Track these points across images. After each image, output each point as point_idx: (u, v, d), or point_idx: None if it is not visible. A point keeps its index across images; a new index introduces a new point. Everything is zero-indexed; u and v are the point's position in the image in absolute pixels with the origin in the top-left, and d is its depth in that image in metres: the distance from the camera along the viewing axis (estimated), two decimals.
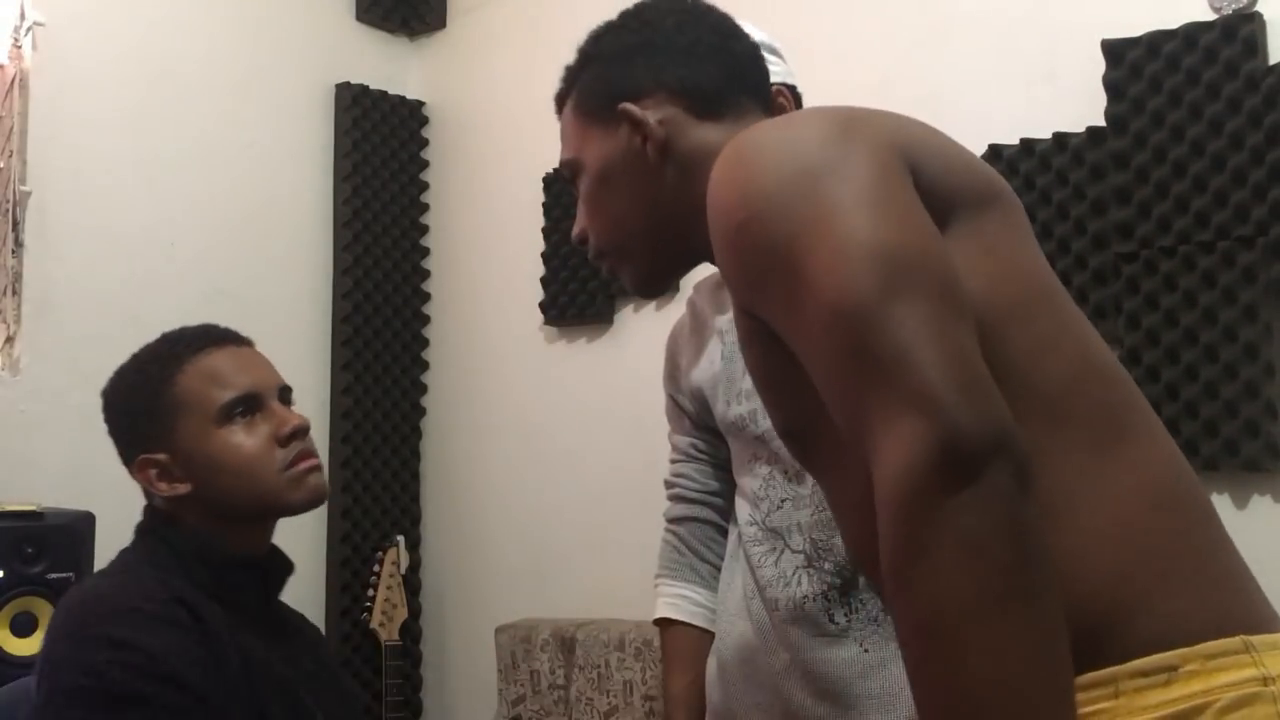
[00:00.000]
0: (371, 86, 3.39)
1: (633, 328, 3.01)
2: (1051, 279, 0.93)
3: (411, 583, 3.31)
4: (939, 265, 0.79)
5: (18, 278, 2.71)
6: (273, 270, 3.19)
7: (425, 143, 3.53)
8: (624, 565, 2.75)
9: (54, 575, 2.17)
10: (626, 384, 2.92)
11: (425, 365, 3.48)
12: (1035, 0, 2.37)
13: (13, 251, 2.70)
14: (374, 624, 2.99)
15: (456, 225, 3.47)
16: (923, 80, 2.46)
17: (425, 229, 3.51)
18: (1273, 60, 2.08)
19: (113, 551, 1.48)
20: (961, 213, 0.88)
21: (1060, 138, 2.25)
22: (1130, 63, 2.18)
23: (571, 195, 3.08)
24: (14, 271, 2.71)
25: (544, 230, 3.16)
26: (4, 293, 2.70)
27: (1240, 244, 2.06)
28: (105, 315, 2.76)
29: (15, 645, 2.11)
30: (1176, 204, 2.12)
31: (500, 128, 3.34)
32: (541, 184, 3.17)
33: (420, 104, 3.53)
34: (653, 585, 1.64)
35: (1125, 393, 0.89)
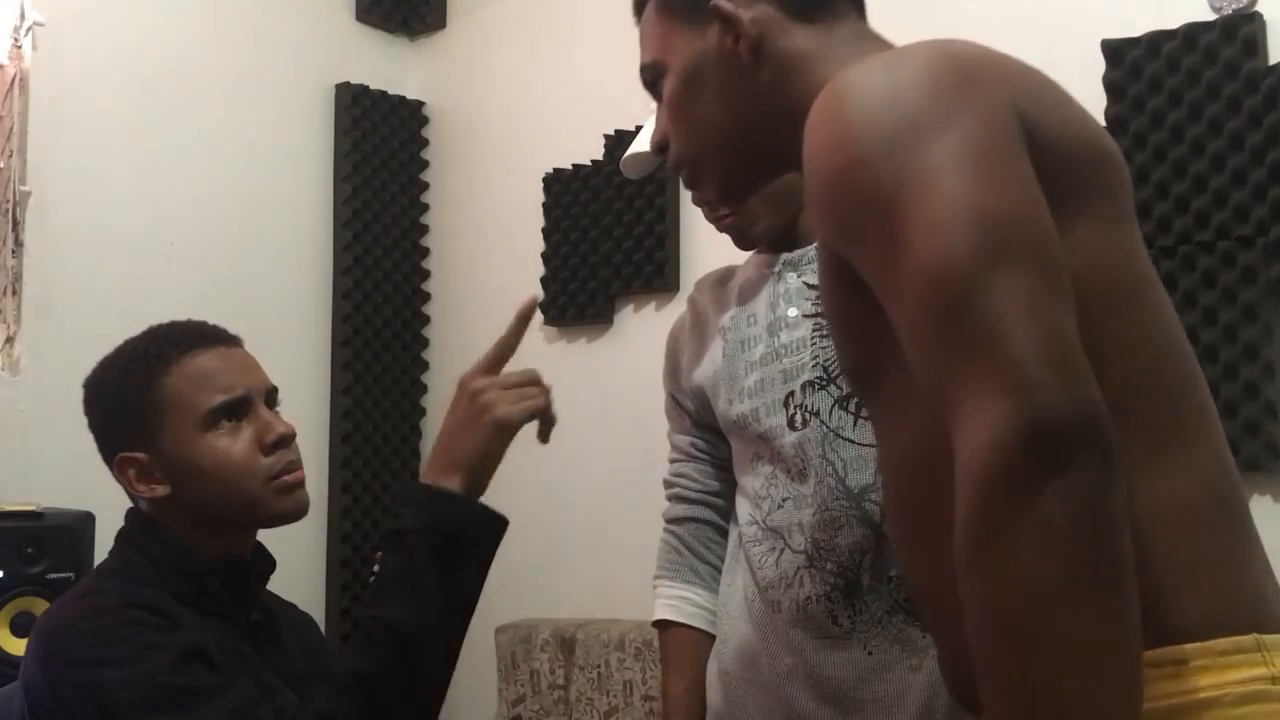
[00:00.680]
0: (371, 86, 3.39)
1: (633, 328, 3.01)
2: (1149, 265, 0.89)
3: None
4: (1043, 238, 0.75)
5: (18, 278, 2.71)
6: (272, 270, 3.19)
7: (425, 143, 3.53)
8: (624, 565, 2.75)
9: (54, 575, 2.17)
10: (626, 384, 2.92)
11: (425, 365, 3.48)
12: (1035, 0, 2.37)
13: (13, 251, 2.70)
14: None
15: (456, 225, 3.47)
16: None
17: (425, 229, 3.52)
18: (1273, 60, 2.08)
19: None
20: (1072, 183, 0.84)
21: None
22: (1130, 63, 2.18)
23: (571, 195, 3.09)
24: (14, 271, 2.71)
25: (544, 230, 3.16)
26: (4, 293, 2.70)
27: (1240, 244, 2.07)
28: (105, 315, 2.74)
29: (15, 645, 2.11)
30: (1176, 204, 2.12)
31: (500, 128, 3.34)
32: (542, 184, 3.16)
33: (420, 104, 3.53)
34: (652, 586, 1.62)
35: (1194, 390, 0.88)
